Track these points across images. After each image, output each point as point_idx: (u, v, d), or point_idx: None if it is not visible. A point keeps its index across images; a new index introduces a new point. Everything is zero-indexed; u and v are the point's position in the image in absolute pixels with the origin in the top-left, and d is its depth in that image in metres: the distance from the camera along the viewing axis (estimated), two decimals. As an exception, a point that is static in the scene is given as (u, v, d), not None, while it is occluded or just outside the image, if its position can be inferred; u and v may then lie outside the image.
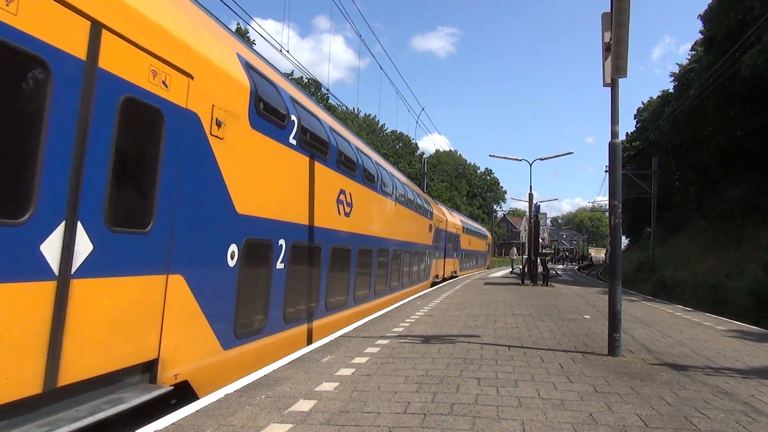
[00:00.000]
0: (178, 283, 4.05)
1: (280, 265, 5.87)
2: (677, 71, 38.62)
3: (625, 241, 50.45)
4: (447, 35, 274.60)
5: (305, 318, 6.88)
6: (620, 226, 6.13)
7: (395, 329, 7.42)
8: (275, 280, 5.79)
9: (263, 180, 5.50)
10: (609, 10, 6.13)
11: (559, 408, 3.85)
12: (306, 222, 6.69)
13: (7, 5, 2.70)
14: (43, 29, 2.93)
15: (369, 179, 10.06)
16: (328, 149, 7.57)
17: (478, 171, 79.24)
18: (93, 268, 3.25)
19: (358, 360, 5.31)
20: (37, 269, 2.91)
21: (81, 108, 3.19)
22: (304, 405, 3.76)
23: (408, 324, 7.99)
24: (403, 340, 6.52)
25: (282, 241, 5.90)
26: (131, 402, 3.44)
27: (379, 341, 6.40)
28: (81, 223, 3.18)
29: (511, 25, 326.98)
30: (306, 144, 6.63)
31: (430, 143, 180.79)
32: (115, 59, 3.41)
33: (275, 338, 5.84)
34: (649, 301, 15.57)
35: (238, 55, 5.26)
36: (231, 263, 4.81)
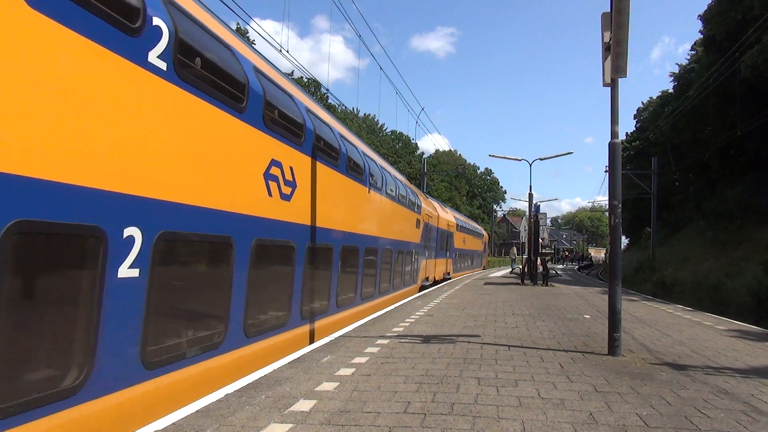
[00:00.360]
0: None
1: (128, 272, 3.56)
2: (677, 71, 38.69)
3: (625, 241, 50.50)
4: (446, 35, 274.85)
5: (198, 354, 4.44)
6: (620, 226, 6.14)
7: (395, 329, 7.42)
8: (115, 295, 3.45)
9: (73, 115, 3.18)
10: (609, 10, 6.14)
11: (559, 408, 3.85)
12: (196, 202, 4.39)
13: None
14: None
15: (326, 153, 7.59)
16: (245, 96, 5.23)
17: (478, 171, 79.30)
18: None
19: (358, 360, 5.31)
20: None
21: None
22: (304, 405, 3.76)
23: (408, 324, 7.99)
24: (403, 340, 6.52)
25: (133, 231, 3.61)
26: None
27: (379, 341, 6.40)
28: None
29: (509, 26, 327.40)
30: (194, 75, 4.37)
31: (429, 143, 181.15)
32: None
33: (119, 398, 3.50)
34: (649, 300, 15.58)
35: None
36: None
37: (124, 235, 3.55)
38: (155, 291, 3.84)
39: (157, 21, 3.88)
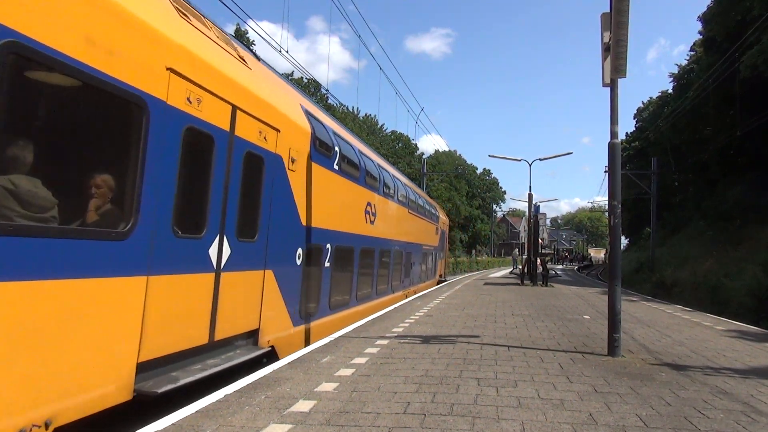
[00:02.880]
0: None
1: None
2: (676, 72, 38.74)
3: (624, 241, 50.53)
4: (441, 36, 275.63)
5: None
6: (620, 226, 6.14)
7: (395, 329, 7.42)
8: None
9: None
10: (608, 11, 6.15)
11: (558, 408, 3.86)
12: None
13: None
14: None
15: None
16: None
17: (477, 171, 79.25)
18: None
19: (357, 360, 5.31)
20: None
21: None
22: (303, 405, 3.76)
23: (408, 324, 7.99)
24: (402, 341, 6.52)
25: None
26: None
27: (379, 341, 6.40)
28: None
29: (505, 26, 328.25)
30: None
31: (428, 143, 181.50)
32: None
33: None
34: (648, 301, 15.58)
35: None
36: None
37: None
38: None
39: None
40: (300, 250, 6.58)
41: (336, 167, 7.96)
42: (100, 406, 3.35)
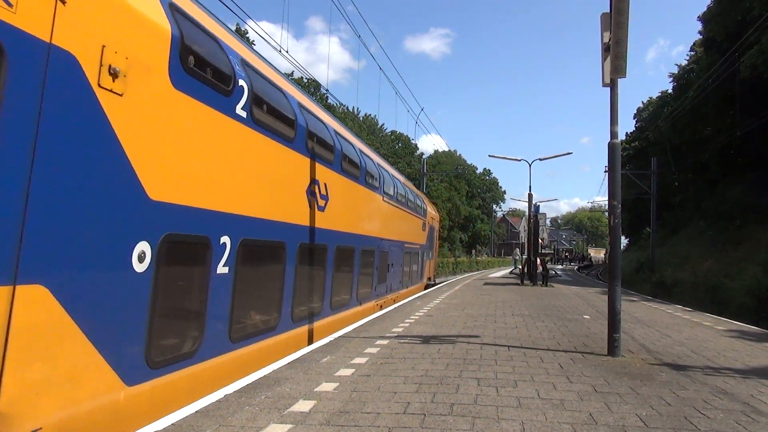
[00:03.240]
0: None
1: None
2: (676, 72, 38.75)
3: (624, 241, 50.54)
4: (441, 36, 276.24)
5: None
6: (619, 226, 6.14)
7: (395, 329, 7.42)
8: None
9: None
10: (608, 11, 6.15)
11: (558, 408, 3.85)
12: None
13: None
14: None
15: None
16: None
17: (477, 171, 79.28)
18: None
19: (357, 360, 5.30)
20: None
21: None
22: (303, 405, 3.76)
23: (407, 324, 7.99)
24: (402, 341, 6.52)
25: None
26: None
27: (379, 341, 6.40)
28: None
29: (504, 26, 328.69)
30: None
31: (428, 143, 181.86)
32: None
33: None
34: (648, 301, 15.57)
35: None
36: None
37: None
38: None
39: None
40: (144, 246, 3.70)
41: (241, 113, 5.01)
42: None
